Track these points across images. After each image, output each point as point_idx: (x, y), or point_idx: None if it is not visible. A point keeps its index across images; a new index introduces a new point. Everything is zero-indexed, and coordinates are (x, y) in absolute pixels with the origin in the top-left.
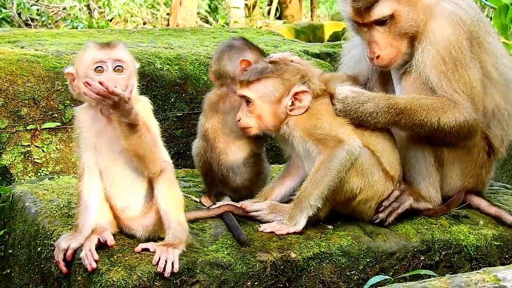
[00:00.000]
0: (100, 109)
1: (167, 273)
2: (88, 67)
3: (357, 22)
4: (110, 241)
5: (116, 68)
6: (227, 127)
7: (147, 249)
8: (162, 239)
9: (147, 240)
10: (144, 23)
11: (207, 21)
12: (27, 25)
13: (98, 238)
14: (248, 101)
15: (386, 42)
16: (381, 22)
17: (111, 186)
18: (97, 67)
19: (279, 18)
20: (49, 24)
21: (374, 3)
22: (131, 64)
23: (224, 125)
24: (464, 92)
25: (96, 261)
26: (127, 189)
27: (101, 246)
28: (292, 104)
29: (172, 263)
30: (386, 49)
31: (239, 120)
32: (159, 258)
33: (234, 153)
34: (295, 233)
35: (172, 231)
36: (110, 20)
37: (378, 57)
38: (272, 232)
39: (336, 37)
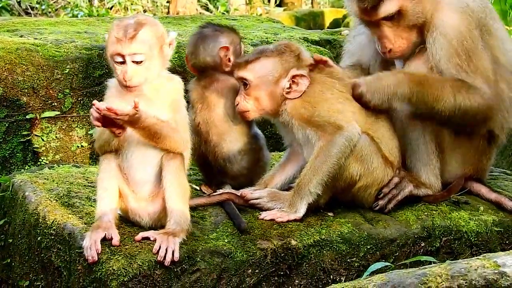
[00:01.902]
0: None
1: (167, 262)
2: (110, 57)
3: (365, 20)
4: (116, 241)
5: (135, 61)
6: (218, 117)
7: (147, 238)
8: (163, 227)
9: (150, 228)
10: (145, 11)
11: (207, 9)
12: (27, 13)
13: (105, 234)
14: (245, 84)
15: (396, 36)
16: (388, 18)
17: (131, 156)
18: (117, 59)
19: (279, 5)
20: (49, 12)
21: (379, 1)
22: (151, 49)
23: (214, 116)
24: (482, 81)
25: (97, 254)
26: (144, 163)
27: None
28: (290, 86)
29: (173, 252)
30: (397, 42)
31: (237, 104)
32: (160, 247)
33: (228, 143)
34: (295, 220)
35: (174, 219)
36: (110, 8)
37: (390, 50)
38: (272, 220)
39: (336, 24)
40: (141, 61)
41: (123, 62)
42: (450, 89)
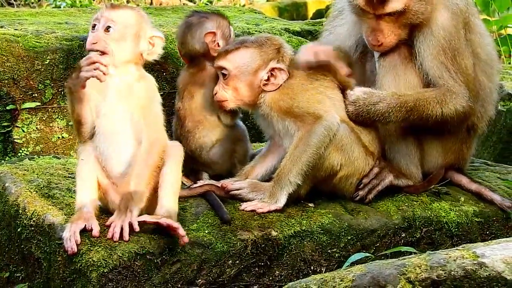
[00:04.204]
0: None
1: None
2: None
3: (366, 12)
4: (96, 232)
5: (105, 28)
6: (196, 105)
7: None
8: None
9: None
10: (128, 2)
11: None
12: (10, 4)
13: (85, 225)
14: (224, 73)
15: (389, 31)
16: (392, 14)
17: (108, 149)
18: (93, 25)
19: None
20: (32, 3)
21: None
22: (125, 28)
23: (193, 104)
24: (462, 81)
25: (77, 245)
26: (121, 157)
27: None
28: (268, 79)
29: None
30: (389, 37)
31: (215, 94)
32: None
33: (202, 131)
34: (276, 210)
35: (165, 208)
36: None
37: (381, 44)
38: (253, 211)
39: (320, 14)
40: (110, 31)
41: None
42: (438, 106)
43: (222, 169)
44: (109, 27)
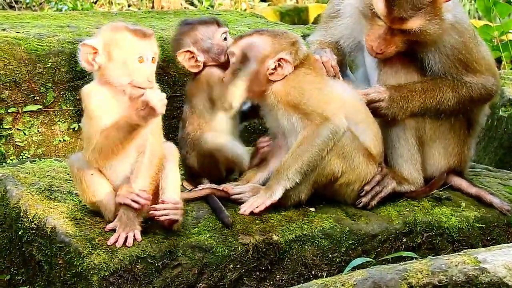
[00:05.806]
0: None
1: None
2: (128, 54)
3: (380, 20)
4: None
5: (152, 60)
6: (190, 110)
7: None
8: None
9: None
10: (129, 5)
11: (192, 3)
12: (11, 7)
13: None
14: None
15: (393, 43)
16: (406, 31)
17: (110, 168)
18: (140, 57)
19: (264, 0)
20: (33, 6)
21: (412, 16)
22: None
23: (188, 108)
24: (486, 73)
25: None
26: (128, 165)
27: (84, 233)
28: (275, 68)
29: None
30: (391, 48)
31: (224, 79)
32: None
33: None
34: (271, 204)
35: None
36: (95, 3)
37: (382, 53)
38: (251, 212)
39: None
40: (155, 61)
41: (143, 61)
42: (450, 90)
43: (204, 176)
44: (154, 59)
